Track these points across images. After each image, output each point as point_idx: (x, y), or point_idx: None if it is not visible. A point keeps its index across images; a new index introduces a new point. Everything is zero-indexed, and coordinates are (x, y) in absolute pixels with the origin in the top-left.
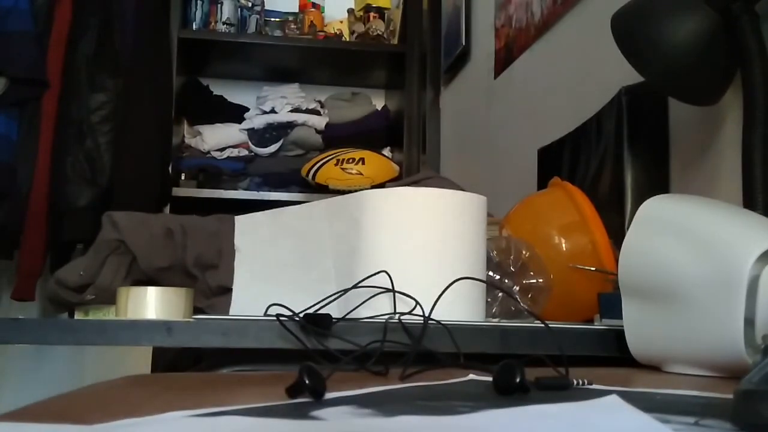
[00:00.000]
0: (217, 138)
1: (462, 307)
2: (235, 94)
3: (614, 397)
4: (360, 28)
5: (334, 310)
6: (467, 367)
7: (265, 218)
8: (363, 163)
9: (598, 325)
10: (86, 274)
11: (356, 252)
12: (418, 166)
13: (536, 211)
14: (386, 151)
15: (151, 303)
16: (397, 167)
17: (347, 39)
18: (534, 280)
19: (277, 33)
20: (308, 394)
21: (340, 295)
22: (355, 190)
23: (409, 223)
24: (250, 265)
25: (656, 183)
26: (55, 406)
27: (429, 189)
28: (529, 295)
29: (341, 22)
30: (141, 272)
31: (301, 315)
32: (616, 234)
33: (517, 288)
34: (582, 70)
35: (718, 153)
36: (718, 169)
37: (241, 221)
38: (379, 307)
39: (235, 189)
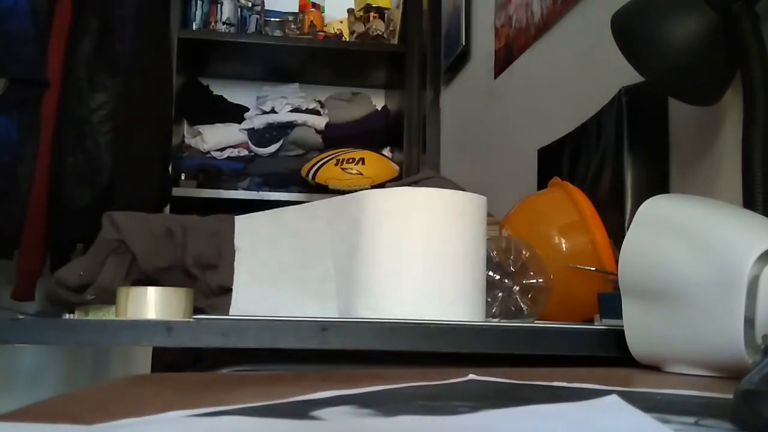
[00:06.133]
0: (217, 138)
1: (462, 307)
2: (235, 94)
3: (614, 397)
4: (360, 28)
5: (334, 310)
6: (467, 367)
7: (265, 218)
8: (363, 163)
9: (598, 325)
10: (86, 274)
11: (356, 252)
12: (418, 166)
13: (536, 211)
14: (386, 151)
15: (151, 303)
16: (397, 167)
17: (347, 39)
18: (534, 280)
19: (277, 33)
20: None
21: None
22: (355, 190)
23: (409, 223)
24: (250, 265)
25: (656, 183)
26: (55, 406)
27: (429, 189)
28: (529, 295)
29: (341, 22)
30: (141, 272)
31: None
32: (616, 234)
33: (517, 288)
34: (582, 70)
35: (718, 153)
36: (718, 169)
37: (241, 221)
38: (378, 307)
39: (235, 189)
